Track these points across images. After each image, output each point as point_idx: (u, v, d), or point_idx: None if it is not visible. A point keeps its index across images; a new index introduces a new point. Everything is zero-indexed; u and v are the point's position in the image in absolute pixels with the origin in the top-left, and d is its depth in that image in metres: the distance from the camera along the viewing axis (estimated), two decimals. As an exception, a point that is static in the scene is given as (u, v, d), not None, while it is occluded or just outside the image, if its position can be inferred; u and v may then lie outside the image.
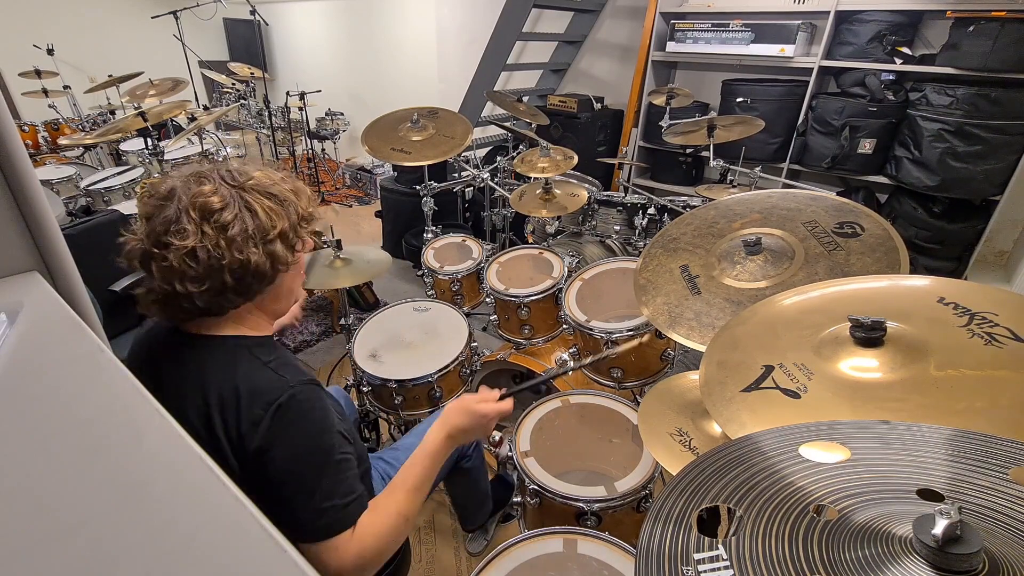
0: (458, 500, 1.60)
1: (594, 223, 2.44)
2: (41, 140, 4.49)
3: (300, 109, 5.01)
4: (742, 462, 0.51)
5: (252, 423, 0.76)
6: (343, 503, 0.78)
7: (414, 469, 0.91)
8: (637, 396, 1.77)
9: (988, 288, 0.74)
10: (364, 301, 3.07)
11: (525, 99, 3.21)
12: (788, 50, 3.13)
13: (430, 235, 2.54)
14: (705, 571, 0.41)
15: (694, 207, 1.92)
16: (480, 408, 0.97)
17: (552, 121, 3.84)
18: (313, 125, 5.34)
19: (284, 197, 0.86)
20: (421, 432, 1.39)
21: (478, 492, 1.58)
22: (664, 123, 2.70)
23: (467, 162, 2.80)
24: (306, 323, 3.05)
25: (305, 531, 0.76)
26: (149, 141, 2.51)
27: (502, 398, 1.01)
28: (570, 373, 1.76)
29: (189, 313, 0.82)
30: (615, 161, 3.46)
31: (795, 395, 0.70)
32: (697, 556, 0.42)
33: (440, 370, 1.59)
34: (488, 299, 1.97)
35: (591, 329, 1.56)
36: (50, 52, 4.60)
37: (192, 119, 3.50)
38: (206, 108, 5.06)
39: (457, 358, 1.63)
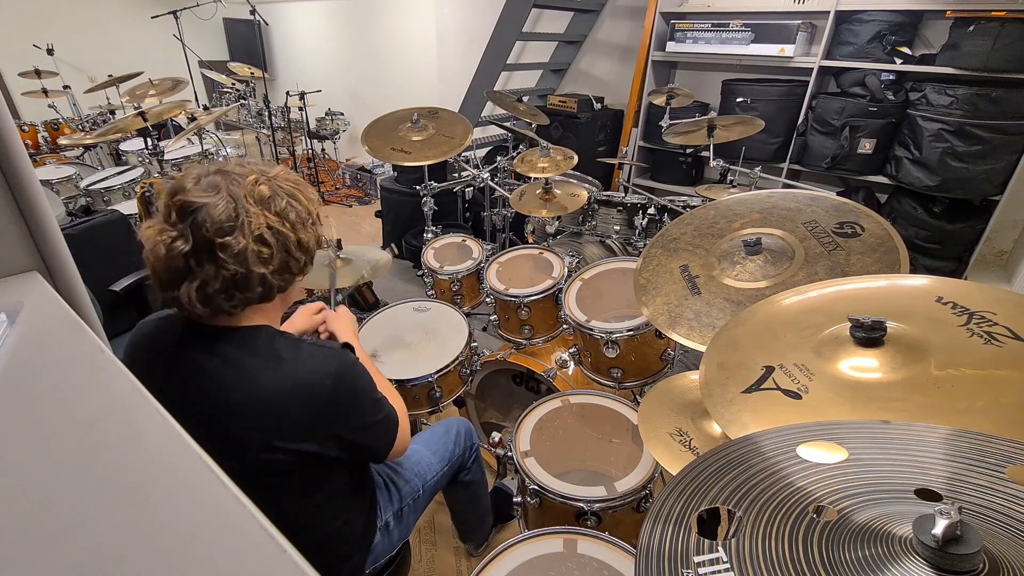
0: (458, 514, 1.59)
1: (594, 223, 2.44)
2: (41, 140, 4.48)
3: (300, 109, 5.01)
4: (741, 463, 0.51)
5: (320, 394, 0.86)
6: (391, 414, 1.00)
7: (375, 375, 1.08)
8: (637, 396, 1.77)
9: (985, 287, 0.74)
10: (364, 301, 3.07)
11: (525, 99, 3.21)
12: (788, 50, 3.13)
13: (430, 235, 2.54)
14: (706, 574, 0.41)
15: (694, 207, 1.92)
16: (343, 312, 1.30)
17: (552, 121, 3.83)
18: (313, 125, 5.34)
19: (302, 183, 0.94)
20: (423, 437, 1.40)
21: (478, 507, 1.57)
22: (664, 123, 2.70)
23: (467, 162, 2.79)
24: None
25: (384, 449, 0.99)
26: (149, 141, 2.51)
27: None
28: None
29: (251, 299, 0.84)
30: (615, 161, 3.46)
31: (796, 396, 0.70)
32: (697, 559, 0.42)
33: (440, 370, 1.59)
34: (488, 299, 1.97)
35: (591, 329, 1.56)
36: (50, 52, 4.60)
37: (192, 119, 3.49)
38: (206, 108, 5.05)
39: (457, 358, 1.63)
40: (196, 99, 5.49)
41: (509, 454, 1.37)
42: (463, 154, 2.56)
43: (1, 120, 0.67)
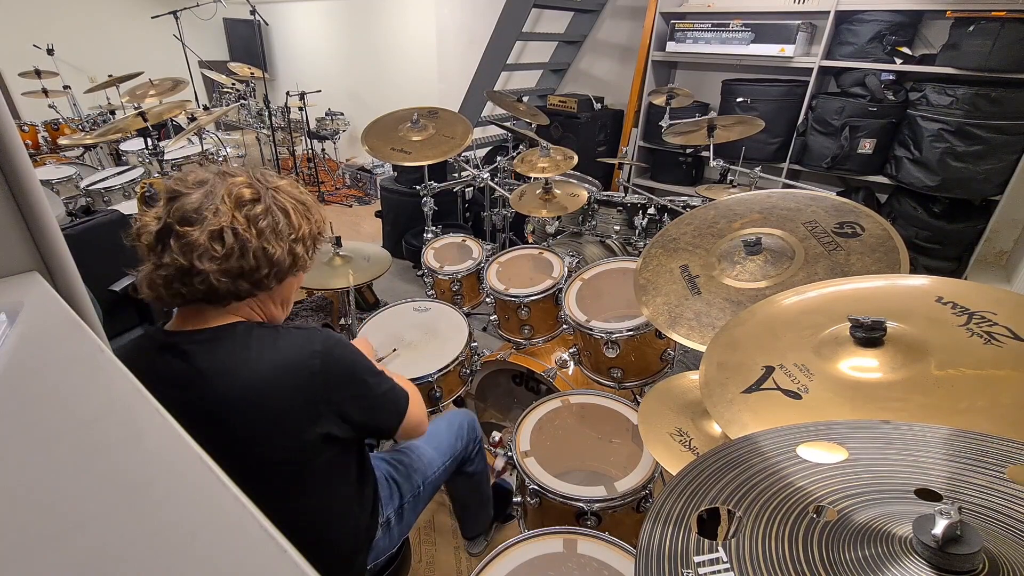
0: (459, 504, 1.60)
1: (594, 223, 2.44)
2: (41, 140, 4.49)
3: (300, 109, 5.01)
4: (741, 463, 0.51)
5: (311, 373, 0.84)
6: (396, 388, 0.99)
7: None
8: (637, 396, 1.77)
9: (985, 287, 0.74)
10: (364, 301, 3.07)
11: (525, 99, 3.21)
12: (788, 50, 3.13)
13: (430, 235, 2.54)
14: (706, 574, 0.41)
15: (694, 207, 1.92)
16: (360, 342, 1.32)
17: (552, 121, 3.83)
18: (313, 125, 5.34)
19: (309, 204, 0.92)
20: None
21: (480, 497, 1.58)
22: (664, 123, 2.70)
23: (467, 162, 2.79)
24: (306, 323, 3.04)
25: (392, 423, 0.97)
26: (149, 141, 2.51)
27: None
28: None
29: (191, 294, 0.83)
30: (615, 161, 3.46)
31: (796, 396, 0.70)
32: (697, 559, 0.42)
33: (440, 370, 1.59)
34: (488, 299, 1.97)
35: (591, 329, 1.56)
36: (50, 52, 4.60)
37: (192, 119, 3.50)
38: (206, 108, 5.06)
39: (457, 358, 1.63)
40: (196, 99, 5.49)
41: (509, 454, 1.37)
42: (463, 154, 2.57)
43: (1, 120, 0.67)
